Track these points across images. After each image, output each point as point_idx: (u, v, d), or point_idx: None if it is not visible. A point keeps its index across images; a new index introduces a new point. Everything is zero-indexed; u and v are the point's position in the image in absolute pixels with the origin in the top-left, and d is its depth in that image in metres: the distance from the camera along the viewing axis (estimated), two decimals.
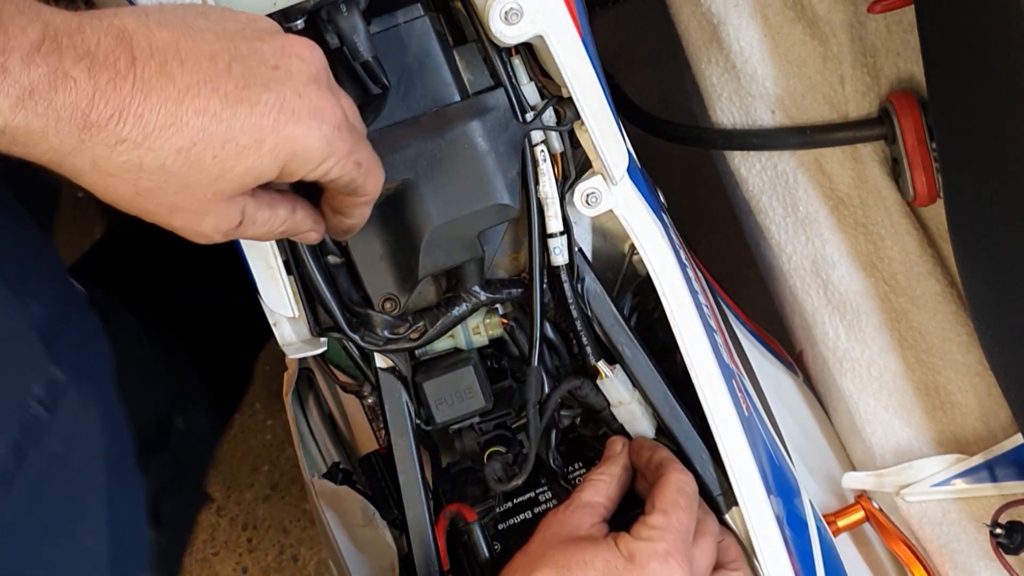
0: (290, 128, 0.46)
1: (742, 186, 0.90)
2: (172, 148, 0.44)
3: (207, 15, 0.48)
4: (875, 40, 0.82)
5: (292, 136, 0.47)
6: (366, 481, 0.77)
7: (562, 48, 0.59)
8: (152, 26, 0.44)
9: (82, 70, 0.42)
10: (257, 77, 0.46)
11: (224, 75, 0.45)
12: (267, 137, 0.46)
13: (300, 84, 0.47)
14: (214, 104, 0.44)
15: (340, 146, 0.49)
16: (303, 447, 0.87)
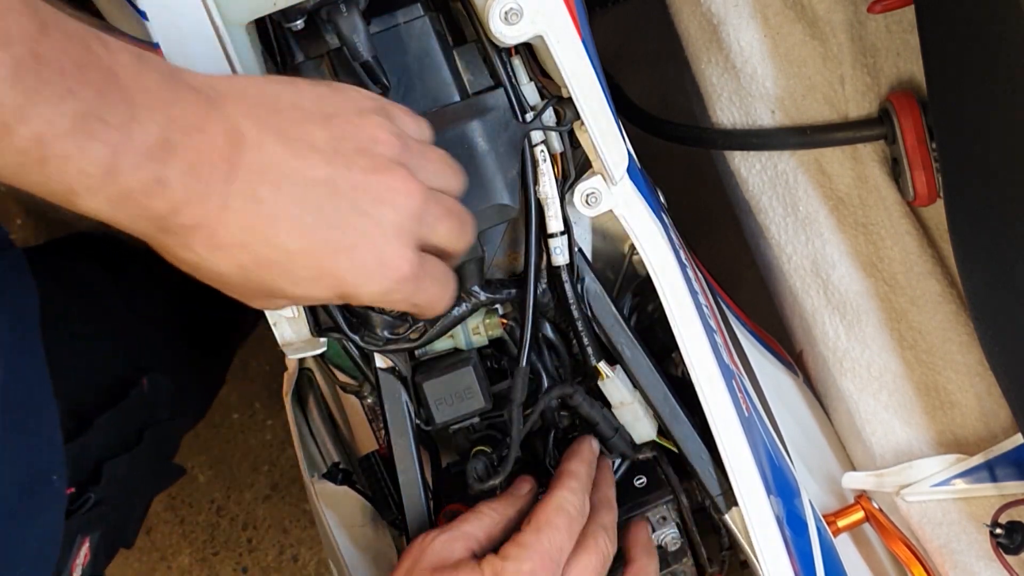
0: (349, 275, 0.48)
1: (742, 186, 0.90)
2: (234, 263, 0.46)
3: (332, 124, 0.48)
4: (875, 40, 0.82)
5: (349, 283, 0.48)
6: (366, 481, 0.77)
7: (562, 48, 0.59)
8: (269, 135, 0.45)
9: (181, 179, 0.43)
10: (342, 219, 0.47)
11: (311, 209, 0.46)
12: (324, 277, 0.48)
13: (381, 236, 0.48)
14: (288, 239, 0.46)
15: (395, 296, 0.50)
16: (303, 447, 0.87)
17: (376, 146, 0.49)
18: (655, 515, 0.71)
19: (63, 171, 0.40)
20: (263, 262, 0.46)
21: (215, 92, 0.45)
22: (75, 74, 0.40)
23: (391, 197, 0.48)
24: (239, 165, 0.44)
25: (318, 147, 0.47)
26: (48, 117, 0.39)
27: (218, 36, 0.55)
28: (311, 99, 0.49)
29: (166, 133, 0.42)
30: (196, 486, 1.50)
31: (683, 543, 0.71)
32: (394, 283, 0.49)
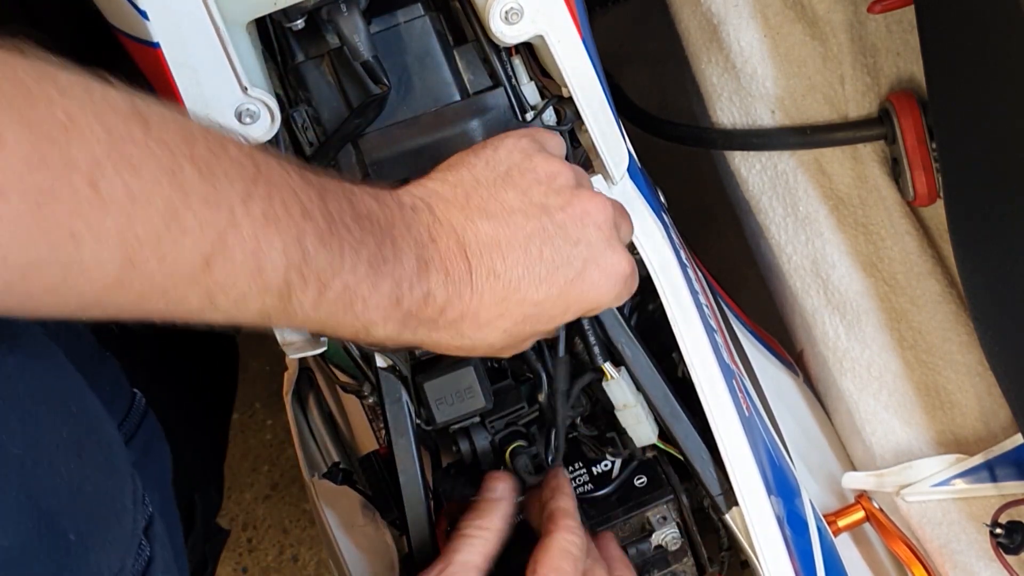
0: (590, 295, 0.55)
1: (742, 186, 0.90)
2: (500, 332, 0.53)
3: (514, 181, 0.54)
4: (875, 40, 0.82)
5: (591, 299, 0.55)
6: (366, 481, 0.77)
7: (562, 48, 0.59)
8: (476, 219, 0.52)
9: (441, 286, 0.50)
10: (563, 256, 0.54)
11: (537, 261, 0.53)
12: (572, 306, 0.55)
13: (597, 253, 0.55)
14: (532, 292, 0.53)
15: (625, 294, 0.58)
16: (303, 447, 0.87)
17: (556, 180, 0.55)
18: (655, 515, 0.71)
19: (365, 310, 0.47)
20: (520, 320, 0.53)
21: (424, 204, 0.52)
22: (356, 227, 0.46)
23: (590, 219, 0.55)
24: (470, 256, 0.51)
25: (516, 208, 0.53)
26: (351, 269, 0.45)
27: (218, 36, 0.55)
28: (483, 168, 0.54)
29: (419, 254, 0.49)
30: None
31: (683, 543, 0.71)
32: (622, 284, 0.56)
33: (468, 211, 0.52)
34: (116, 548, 0.49)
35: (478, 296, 0.51)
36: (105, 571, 0.47)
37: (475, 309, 0.51)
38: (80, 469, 0.47)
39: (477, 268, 0.51)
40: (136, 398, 0.67)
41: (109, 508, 0.49)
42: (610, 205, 0.56)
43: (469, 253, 0.51)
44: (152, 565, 0.53)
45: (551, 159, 0.55)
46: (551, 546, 0.61)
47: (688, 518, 0.71)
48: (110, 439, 0.53)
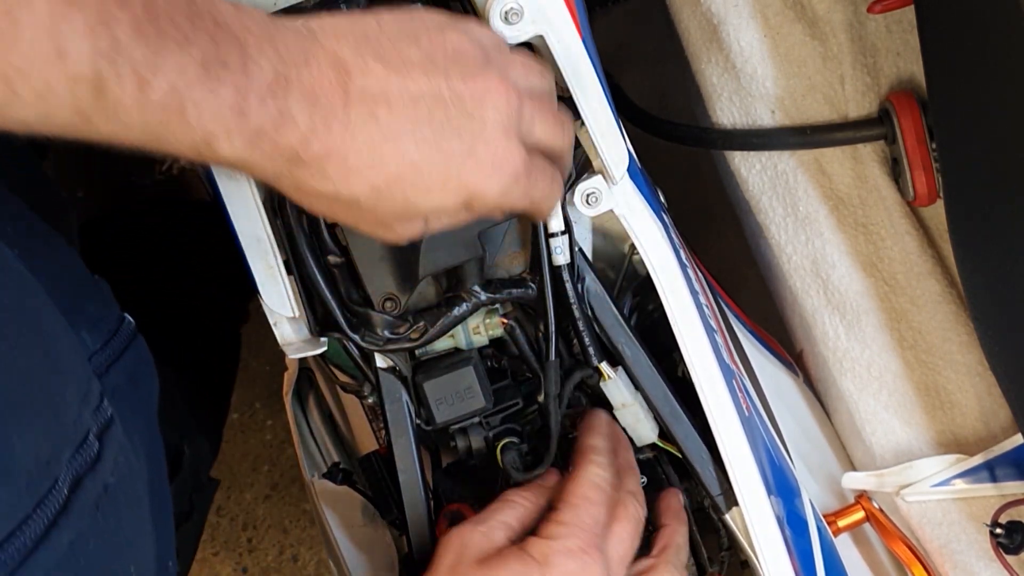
0: (472, 176, 0.51)
1: (742, 186, 0.90)
2: (367, 185, 0.49)
3: (420, 42, 0.51)
4: (875, 40, 0.82)
5: (473, 183, 0.51)
6: (366, 481, 0.77)
7: (562, 48, 0.59)
8: (369, 58, 0.48)
9: (303, 109, 0.46)
10: (453, 124, 0.50)
11: (424, 121, 0.49)
12: (451, 181, 0.50)
13: (489, 135, 0.51)
14: (411, 149, 0.49)
15: (515, 191, 0.53)
16: (303, 447, 0.87)
17: (463, 55, 0.52)
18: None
19: (200, 117, 0.42)
20: (393, 178, 0.49)
21: (308, 28, 0.48)
22: (188, 25, 0.42)
23: (491, 99, 0.51)
24: (350, 90, 0.47)
25: (415, 63, 0.49)
26: (177, 66, 0.41)
27: None
28: (394, 24, 0.51)
29: (279, 69, 0.45)
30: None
31: None
32: (512, 178, 0.52)
33: (361, 49, 0.48)
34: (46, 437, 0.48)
35: (350, 135, 0.47)
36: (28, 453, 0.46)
37: (344, 149, 0.47)
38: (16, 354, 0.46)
39: (356, 106, 0.47)
40: (124, 322, 0.65)
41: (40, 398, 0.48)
42: (517, 95, 0.53)
43: (350, 88, 0.47)
44: (99, 464, 0.52)
45: (468, 39, 0.52)
46: (579, 477, 0.62)
47: (688, 518, 0.71)
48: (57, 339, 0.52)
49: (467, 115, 0.50)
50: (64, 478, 0.49)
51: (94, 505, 0.51)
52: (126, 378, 0.62)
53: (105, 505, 0.52)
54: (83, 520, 0.50)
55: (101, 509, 0.52)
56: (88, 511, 0.50)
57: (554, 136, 0.56)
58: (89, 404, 0.53)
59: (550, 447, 0.68)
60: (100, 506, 0.52)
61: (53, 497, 0.48)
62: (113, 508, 0.53)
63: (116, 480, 0.53)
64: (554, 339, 0.66)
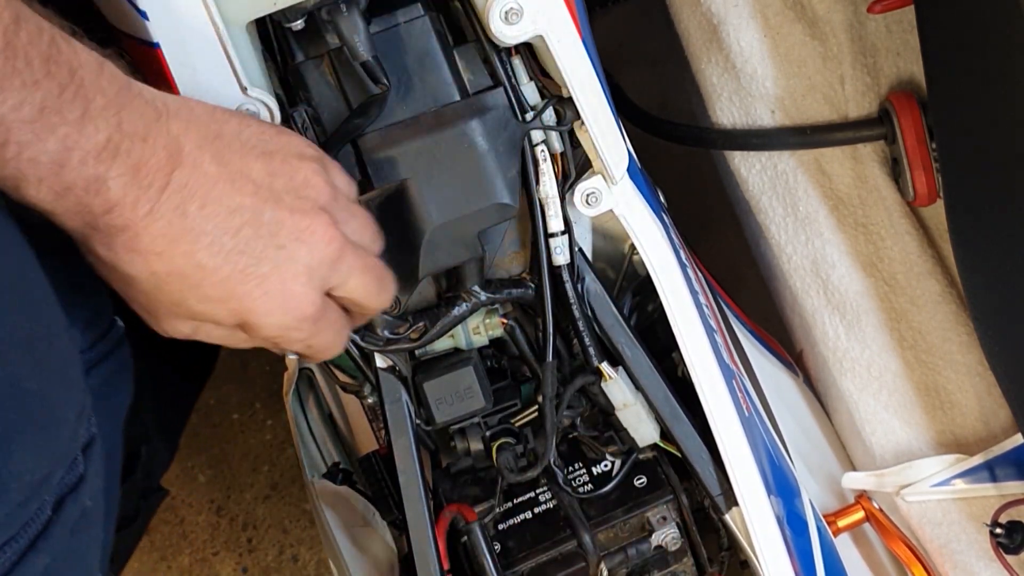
0: (255, 304, 0.50)
1: (742, 186, 0.90)
2: (148, 270, 0.48)
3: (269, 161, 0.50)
4: (875, 40, 0.82)
5: (254, 310, 0.50)
6: (366, 481, 0.77)
7: (562, 48, 0.59)
8: (207, 156, 0.48)
9: (120, 182, 0.45)
10: (259, 247, 0.49)
11: (231, 232, 0.48)
12: (232, 300, 0.50)
13: (292, 271, 0.50)
14: (204, 256, 0.48)
15: (294, 334, 0.52)
16: (303, 447, 0.87)
17: (307, 190, 0.51)
18: (655, 515, 0.71)
19: (18, 158, 0.42)
20: (176, 273, 0.48)
21: (165, 107, 0.47)
22: (42, 67, 0.42)
23: (310, 239, 0.51)
24: (173, 178, 0.47)
25: (251, 177, 0.49)
26: (14, 104, 0.41)
27: (218, 36, 0.55)
28: (255, 134, 0.51)
29: (114, 137, 0.45)
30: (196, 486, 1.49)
31: (683, 543, 0.71)
32: (295, 320, 0.51)
33: (205, 145, 0.48)
34: (45, 454, 0.48)
35: (150, 219, 0.46)
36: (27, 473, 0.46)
37: (139, 229, 0.46)
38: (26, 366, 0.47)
39: (172, 194, 0.47)
40: (114, 326, 0.64)
41: (47, 413, 0.48)
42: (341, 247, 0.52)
43: (175, 176, 0.47)
44: (82, 484, 0.51)
45: (319, 175, 0.52)
46: None
47: (688, 518, 0.71)
48: (66, 351, 0.52)
49: (277, 245, 0.50)
50: (50, 500, 0.48)
51: (71, 530, 0.51)
52: (104, 383, 0.62)
53: (80, 529, 0.52)
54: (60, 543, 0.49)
55: (76, 534, 0.51)
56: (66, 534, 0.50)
57: (367, 297, 0.55)
58: (83, 420, 0.52)
59: (547, 448, 0.68)
60: (75, 531, 0.51)
61: (38, 518, 0.47)
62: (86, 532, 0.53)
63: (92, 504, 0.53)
64: (551, 340, 0.66)
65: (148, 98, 0.47)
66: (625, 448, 0.73)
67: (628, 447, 0.73)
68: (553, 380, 0.67)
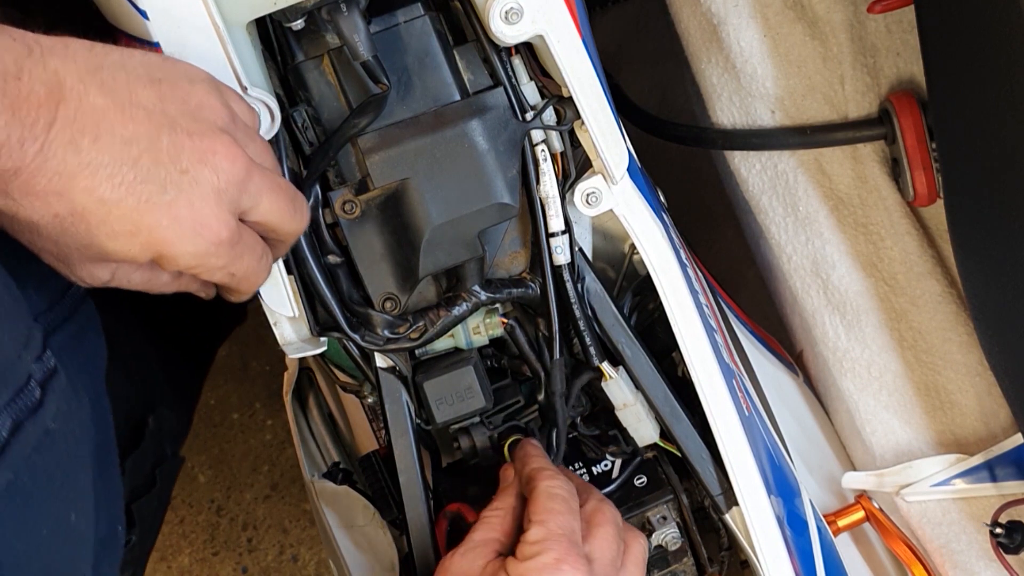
0: (165, 232, 0.48)
1: (742, 186, 0.90)
2: (49, 213, 0.46)
3: (160, 87, 0.48)
4: (875, 40, 0.82)
5: (166, 240, 0.48)
6: (366, 481, 0.77)
7: (562, 48, 0.59)
8: (92, 88, 0.46)
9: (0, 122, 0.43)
10: (161, 174, 0.47)
11: (130, 163, 0.46)
12: (141, 232, 0.48)
13: (199, 195, 0.48)
14: (105, 188, 0.46)
15: (212, 261, 0.50)
16: (303, 447, 0.87)
17: (203, 111, 0.50)
18: (655, 515, 0.71)
19: None
20: (79, 212, 0.46)
21: (38, 45, 0.45)
22: None
23: (213, 160, 0.49)
24: (58, 112, 0.45)
25: (143, 105, 0.47)
26: None
27: (218, 36, 0.55)
28: (140, 63, 0.49)
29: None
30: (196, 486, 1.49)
31: (683, 543, 0.71)
32: (210, 245, 0.50)
33: (89, 77, 0.46)
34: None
35: (42, 158, 0.44)
36: None
37: (32, 170, 0.44)
38: None
39: (61, 130, 0.44)
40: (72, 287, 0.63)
41: None
42: (246, 165, 0.50)
43: (60, 111, 0.44)
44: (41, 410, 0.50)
45: (213, 96, 0.51)
46: (537, 495, 0.61)
47: (688, 518, 0.71)
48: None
49: (180, 170, 0.48)
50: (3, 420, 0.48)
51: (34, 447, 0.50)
52: (72, 340, 0.61)
53: (45, 448, 0.51)
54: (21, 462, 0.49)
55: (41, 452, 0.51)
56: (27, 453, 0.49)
57: (281, 218, 0.54)
58: (31, 350, 0.51)
59: (558, 444, 0.68)
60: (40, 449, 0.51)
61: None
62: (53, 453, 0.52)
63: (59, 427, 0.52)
64: (558, 338, 0.66)
65: (20, 39, 0.45)
66: (628, 449, 0.73)
67: (631, 448, 0.73)
68: (562, 377, 0.68)
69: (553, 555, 0.57)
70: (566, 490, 0.62)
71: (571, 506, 0.61)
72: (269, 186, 0.52)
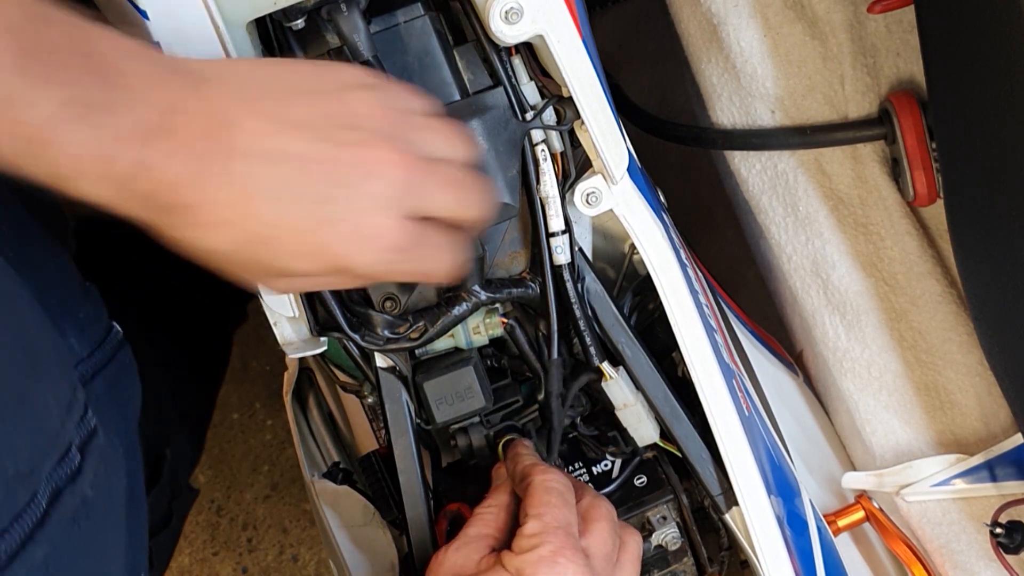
0: (339, 247, 0.49)
1: (742, 186, 0.90)
2: (225, 241, 0.47)
3: (312, 102, 0.49)
4: (875, 40, 0.82)
5: (341, 255, 0.49)
6: (366, 481, 0.77)
7: (562, 48, 0.59)
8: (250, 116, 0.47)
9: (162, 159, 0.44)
10: (323, 193, 0.48)
11: (295, 185, 0.47)
12: (316, 251, 0.49)
13: (367, 208, 0.49)
14: (271, 214, 0.47)
15: (392, 266, 0.51)
16: (303, 447, 0.87)
17: (359, 120, 0.50)
18: (655, 515, 0.71)
19: (60, 155, 0.42)
20: (252, 238, 0.47)
21: (201, 76, 0.46)
22: (76, 63, 0.41)
23: (376, 170, 0.49)
24: (220, 145, 0.45)
25: (300, 124, 0.48)
26: (51, 104, 0.40)
27: (218, 36, 0.55)
28: (297, 78, 0.50)
29: (155, 118, 0.43)
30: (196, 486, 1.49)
31: (683, 543, 0.71)
32: (385, 253, 0.50)
33: (250, 104, 0.47)
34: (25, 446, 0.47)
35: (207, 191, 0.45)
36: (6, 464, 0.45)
37: (199, 204, 0.46)
38: None
39: (225, 161, 0.46)
40: (112, 331, 0.64)
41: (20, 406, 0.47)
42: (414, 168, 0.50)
43: (224, 142, 0.46)
44: (80, 476, 0.51)
45: (373, 102, 0.51)
46: (533, 489, 0.61)
47: (688, 518, 0.71)
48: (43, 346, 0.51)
49: (343, 184, 0.48)
50: (44, 491, 0.48)
51: (71, 519, 0.50)
52: (109, 386, 0.62)
53: (82, 518, 0.51)
54: (59, 533, 0.49)
55: (78, 522, 0.51)
56: (65, 524, 0.49)
57: (460, 210, 0.54)
58: (73, 415, 0.52)
59: (552, 445, 0.68)
60: (77, 519, 0.51)
61: (32, 510, 0.47)
62: (89, 522, 0.52)
63: (95, 493, 0.52)
64: (556, 338, 0.67)
65: (182, 69, 0.46)
66: (628, 449, 0.73)
67: (631, 448, 0.73)
68: (560, 377, 0.68)
69: (550, 548, 0.57)
70: (562, 483, 0.62)
71: (567, 500, 0.61)
72: (437, 182, 0.52)
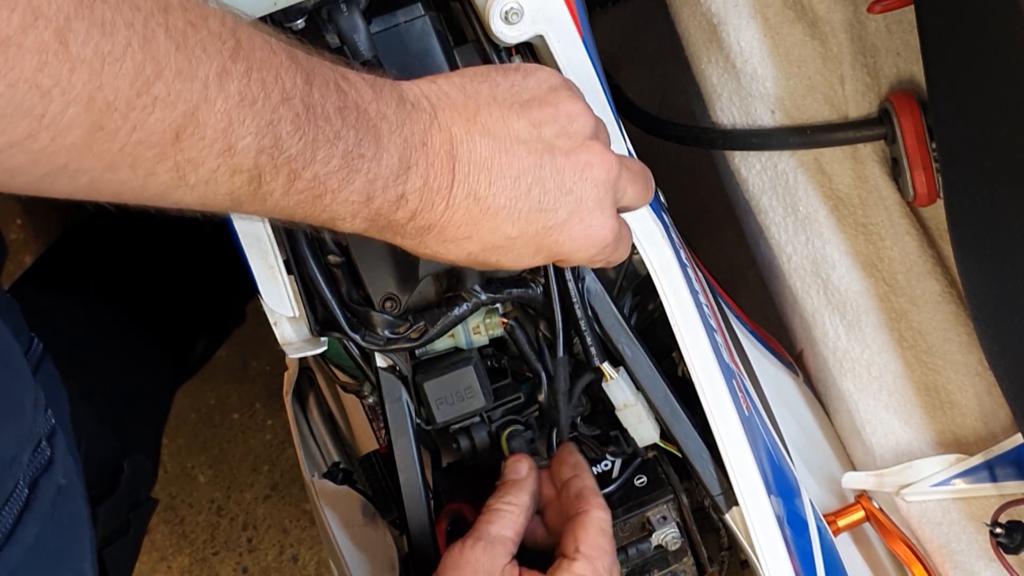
0: (564, 247, 0.54)
1: (742, 186, 0.90)
2: (463, 252, 0.52)
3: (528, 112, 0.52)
4: (875, 40, 0.82)
5: (564, 252, 0.54)
6: (366, 481, 0.77)
7: (562, 48, 0.59)
8: (476, 136, 0.50)
9: (416, 192, 0.48)
10: (551, 200, 0.52)
11: (523, 197, 0.51)
12: (542, 251, 0.54)
13: (586, 210, 0.53)
14: (507, 227, 0.51)
15: (599, 257, 0.56)
16: (303, 447, 0.87)
17: (572, 124, 0.53)
18: (655, 515, 0.71)
19: (333, 204, 0.46)
20: (488, 248, 0.52)
21: (429, 104, 0.50)
22: (338, 118, 0.44)
23: (591, 173, 0.53)
24: (457, 170, 0.49)
25: (521, 137, 0.51)
26: (325, 160, 0.44)
27: None
28: (505, 89, 0.53)
29: (403, 155, 0.47)
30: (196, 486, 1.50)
31: (683, 543, 0.71)
32: (600, 249, 0.55)
33: (471, 125, 0.50)
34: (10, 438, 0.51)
35: (451, 212, 0.50)
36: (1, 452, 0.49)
37: (444, 224, 0.50)
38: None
39: (460, 184, 0.49)
40: (34, 344, 0.68)
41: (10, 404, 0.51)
42: (617, 167, 0.55)
43: (457, 167, 0.49)
44: (53, 465, 0.54)
45: (576, 102, 0.54)
46: (590, 525, 0.62)
47: (688, 518, 0.71)
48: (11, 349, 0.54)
49: (565, 191, 0.52)
50: (24, 478, 0.51)
51: (51, 503, 0.53)
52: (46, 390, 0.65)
53: (60, 504, 0.54)
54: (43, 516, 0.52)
55: (57, 507, 0.54)
56: (47, 509, 0.53)
57: (641, 198, 0.59)
58: (39, 410, 0.55)
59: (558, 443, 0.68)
60: (56, 504, 0.54)
61: (17, 496, 0.50)
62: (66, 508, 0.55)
63: (67, 482, 0.56)
64: (561, 336, 0.67)
65: (417, 104, 0.49)
66: (629, 449, 0.73)
67: (632, 448, 0.73)
68: (566, 375, 0.68)
69: None
70: (610, 525, 0.64)
71: (613, 544, 0.63)
72: (629, 176, 0.57)
